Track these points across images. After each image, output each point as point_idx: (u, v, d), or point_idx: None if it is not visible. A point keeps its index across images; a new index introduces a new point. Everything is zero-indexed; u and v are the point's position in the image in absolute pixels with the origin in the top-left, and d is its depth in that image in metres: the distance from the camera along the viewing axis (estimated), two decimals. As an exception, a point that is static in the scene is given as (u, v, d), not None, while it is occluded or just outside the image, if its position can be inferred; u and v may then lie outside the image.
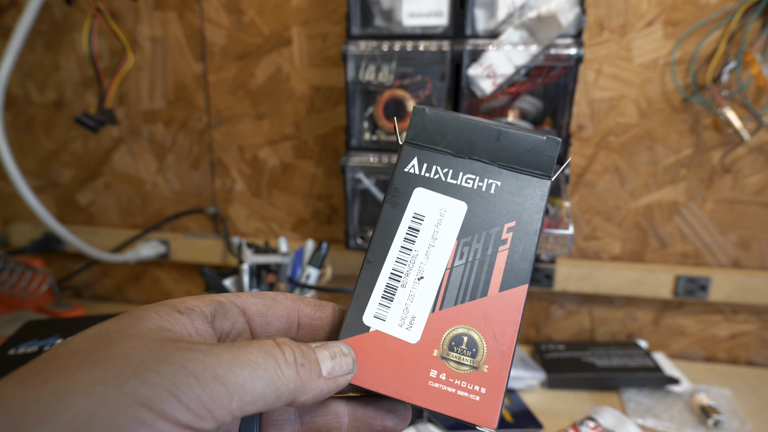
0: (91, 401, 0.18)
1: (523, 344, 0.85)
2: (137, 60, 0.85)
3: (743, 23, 0.68)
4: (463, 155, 0.30)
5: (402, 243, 0.29)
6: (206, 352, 0.21)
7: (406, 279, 0.29)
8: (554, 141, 0.30)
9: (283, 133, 0.84)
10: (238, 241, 0.77)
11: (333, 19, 0.78)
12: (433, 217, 0.30)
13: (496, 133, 0.30)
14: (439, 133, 0.31)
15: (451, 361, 0.27)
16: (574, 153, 0.77)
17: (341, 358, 0.25)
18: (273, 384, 0.22)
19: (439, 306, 0.28)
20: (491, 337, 0.28)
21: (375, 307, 0.28)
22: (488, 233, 0.29)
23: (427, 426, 0.62)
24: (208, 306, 0.25)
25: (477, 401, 0.27)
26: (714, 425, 0.63)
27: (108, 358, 0.20)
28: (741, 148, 0.73)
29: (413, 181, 0.30)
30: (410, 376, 0.27)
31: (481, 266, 0.29)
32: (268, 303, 0.28)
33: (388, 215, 0.30)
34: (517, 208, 0.29)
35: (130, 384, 0.19)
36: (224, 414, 0.20)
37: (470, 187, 0.30)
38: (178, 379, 0.20)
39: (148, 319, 0.22)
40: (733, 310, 0.79)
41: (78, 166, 0.94)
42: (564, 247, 0.64)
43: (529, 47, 0.63)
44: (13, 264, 0.82)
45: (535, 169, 0.30)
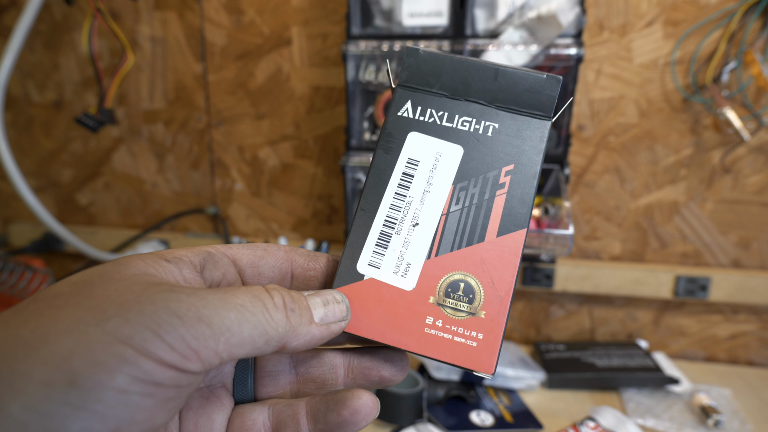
0: (71, 339, 0.18)
1: (523, 344, 0.85)
2: (137, 60, 0.85)
3: (743, 23, 0.68)
4: (459, 97, 0.29)
5: (396, 189, 0.28)
6: (190, 294, 0.21)
7: (400, 226, 0.28)
8: (555, 79, 0.28)
9: (283, 133, 0.84)
10: (238, 241, 0.77)
11: (333, 19, 0.78)
12: (428, 161, 0.29)
13: (493, 72, 0.29)
14: (433, 74, 0.29)
15: (448, 307, 0.27)
16: (574, 153, 0.77)
17: (334, 305, 0.25)
18: (261, 327, 0.21)
19: (434, 252, 0.28)
20: (488, 282, 0.27)
21: (369, 254, 0.28)
22: (485, 177, 0.28)
23: (427, 426, 0.62)
24: (196, 256, 0.25)
25: (474, 347, 0.26)
26: (714, 425, 0.63)
27: (90, 299, 0.20)
28: (741, 148, 0.73)
29: (407, 125, 0.29)
30: (406, 323, 0.27)
31: (478, 211, 0.28)
32: (259, 254, 0.27)
33: (381, 161, 0.29)
34: (515, 151, 0.28)
35: (111, 323, 0.19)
36: (210, 355, 0.20)
37: (466, 130, 0.29)
38: (160, 318, 0.19)
39: (133, 265, 0.22)
40: (733, 310, 0.79)
41: (78, 166, 0.94)
42: (564, 247, 0.64)
43: (529, 47, 0.63)
44: (13, 264, 0.82)
45: (534, 109, 0.29)
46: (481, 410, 0.66)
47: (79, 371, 0.18)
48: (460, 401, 0.67)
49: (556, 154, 0.68)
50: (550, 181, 0.71)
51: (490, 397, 0.69)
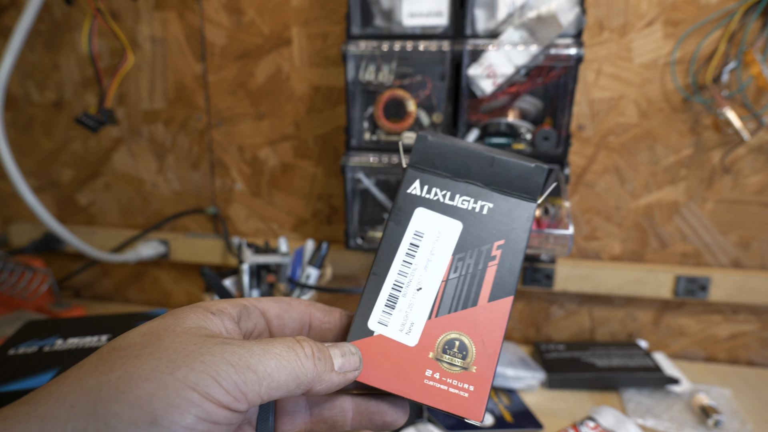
0: (151, 384, 0.23)
1: (523, 344, 0.85)
2: (137, 60, 0.85)
3: (743, 23, 0.68)
4: (460, 179, 0.34)
5: (404, 258, 0.33)
6: (240, 346, 0.25)
7: (406, 289, 0.32)
8: (541, 168, 0.33)
9: (283, 133, 0.84)
10: (238, 241, 0.77)
11: (333, 19, 0.78)
12: (432, 234, 0.33)
13: (490, 160, 0.33)
14: (439, 158, 0.34)
15: (445, 362, 0.31)
16: (574, 153, 0.77)
17: (350, 356, 0.29)
18: (295, 373, 0.26)
19: (435, 314, 0.31)
20: (480, 341, 0.31)
21: (379, 313, 0.32)
22: (480, 250, 0.32)
23: (427, 426, 0.62)
24: (234, 308, 0.29)
25: (466, 398, 0.30)
26: (714, 425, 0.63)
27: (161, 350, 0.24)
28: (741, 148, 0.73)
29: (415, 201, 0.34)
30: (408, 374, 0.30)
31: (473, 279, 0.32)
32: (284, 307, 0.31)
33: (392, 232, 0.33)
34: (506, 228, 0.33)
35: (181, 371, 0.23)
36: (255, 397, 0.24)
37: (465, 208, 0.33)
38: (219, 368, 0.24)
39: (188, 319, 0.27)
40: (733, 310, 0.79)
41: (78, 166, 0.94)
42: (564, 247, 0.64)
43: (529, 47, 0.63)
44: (13, 264, 0.82)
45: (523, 192, 0.33)
46: (481, 410, 0.66)
47: (158, 412, 0.22)
48: (460, 401, 0.67)
49: (556, 154, 0.68)
50: (550, 181, 0.71)
51: (490, 397, 0.69)
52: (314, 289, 0.71)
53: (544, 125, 0.69)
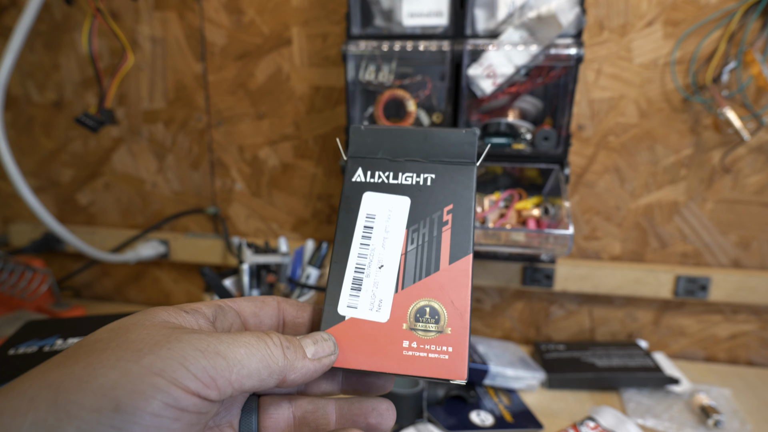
0: (115, 373, 0.22)
1: (523, 344, 0.85)
2: (137, 60, 0.85)
3: (743, 23, 0.68)
4: (400, 158, 0.35)
5: (360, 241, 0.34)
6: (209, 334, 0.25)
7: (369, 270, 0.33)
8: (471, 133, 0.35)
9: (283, 133, 0.84)
10: (238, 241, 0.77)
11: (333, 19, 0.78)
12: (383, 214, 0.34)
13: (423, 135, 0.35)
14: (376, 144, 0.36)
15: (419, 330, 0.31)
16: (574, 153, 0.77)
17: (322, 342, 0.30)
18: (265, 361, 0.26)
19: (401, 286, 0.32)
20: (449, 303, 0.32)
21: (346, 298, 0.32)
22: (431, 218, 0.34)
23: (427, 426, 0.62)
24: (209, 308, 0.29)
25: (446, 360, 0.31)
26: (714, 425, 0.63)
27: (127, 342, 0.24)
28: (741, 148, 0.73)
29: (361, 187, 0.35)
30: (387, 350, 0.31)
31: (431, 246, 0.33)
32: (259, 305, 0.32)
33: (345, 220, 0.34)
34: (451, 193, 0.34)
35: (147, 359, 0.23)
36: (225, 384, 0.24)
37: (410, 184, 0.35)
38: (186, 353, 0.23)
39: (159, 315, 0.26)
40: (733, 310, 0.79)
41: (78, 166, 0.94)
42: (564, 247, 0.64)
43: (529, 47, 0.63)
44: (13, 264, 0.82)
45: (461, 158, 0.35)
46: (481, 410, 0.66)
47: (122, 399, 0.22)
48: (460, 401, 0.67)
49: (556, 154, 0.68)
50: (550, 181, 0.71)
51: (490, 397, 0.69)
52: (314, 289, 0.71)
53: (544, 125, 0.69)
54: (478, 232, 0.66)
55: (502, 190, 0.73)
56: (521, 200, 0.72)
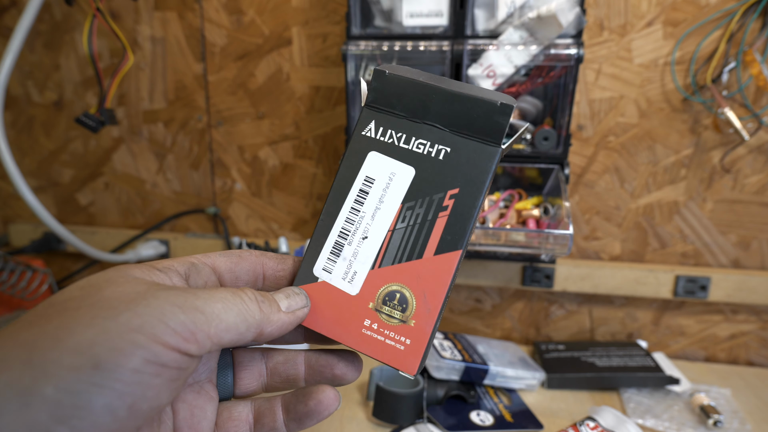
0: (92, 331, 0.22)
1: (523, 344, 0.85)
2: (137, 60, 0.85)
3: (743, 23, 0.68)
4: (418, 119, 0.31)
5: (352, 204, 0.32)
6: (185, 290, 0.25)
7: (352, 237, 0.31)
8: (507, 106, 0.29)
9: (283, 133, 0.84)
10: (238, 241, 0.77)
11: (333, 19, 0.78)
12: (383, 180, 0.31)
13: (450, 96, 0.30)
14: (397, 96, 0.31)
15: (383, 313, 0.30)
16: (574, 153, 0.77)
17: (294, 296, 0.30)
18: (242, 315, 0.26)
19: (378, 264, 0.31)
20: (421, 295, 0.30)
21: (324, 260, 0.31)
22: (431, 198, 0.30)
23: (427, 426, 0.62)
24: (182, 266, 0.29)
25: (401, 350, 0.30)
26: (714, 425, 0.63)
27: (101, 300, 0.23)
28: (741, 148, 0.73)
29: (369, 144, 0.32)
30: (348, 323, 0.30)
31: (421, 230, 0.31)
32: (235, 260, 0.31)
33: (344, 176, 0.32)
34: (462, 176, 0.30)
35: (124, 316, 0.22)
36: (204, 338, 0.24)
37: (420, 153, 0.31)
38: (165, 309, 0.23)
39: (132, 272, 0.26)
40: (733, 310, 0.79)
41: (78, 166, 0.94)
42: (564, 247, 0.64)
43: (529, 47, 0.63)
44: (13, 264, 0.82)
45: (485, 135, 0.30)
46: (481, 410, 0.66)
47: (101, 356, 0.21)
48: (460, 401, 0.67)
49: (556, 154, 0.68)
50: (550, 181, 0.71)
51: (490, 397, 0.69)
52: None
53: (544, 125, 0.69)
54: (478, 231, 0.66)
55: (502, 190, 0.73)
56: (521, 200, 0.72)
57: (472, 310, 0.87)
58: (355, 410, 0.66)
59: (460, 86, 0.31)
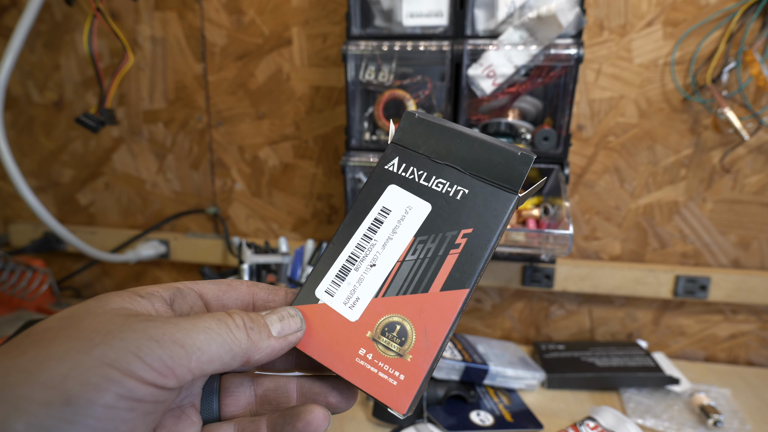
0: (65, 365, 0.21)
1: (523, 344, 0.85)
2: (137, 60, 0.85)
3: (743, 23, 0.68)
4: (441, 160, 0.32)
5: (365, 231, 0.32)
6: (165, 321, 0.24)
7: (360, 264, 0.31)
8: (527, 157, 0.31)
9: (283, 133, 0.84)
10: (238, 241, 0.77)
11: (333, 19, 0.78)
12: (398, 212, 0.32)
13: (472, 142, 0.32)
14: (423, 137, 0.33)
15: (381, 344, 0.29)
16: (573, 153, 0.77)
17: (289, 319, 0.29)
18: (227, 345, 0.25)
19: (383, 293, 0.30)
20: (422, 330, 0.29)
21: (328, 283, 0.31)
22: (444, 235, 0.31)
23: (427, 426, 0.62)
24: (166, 291, 0.28)
25: (394, 385, 0.28)
26: (714, 425, 0.63)
27: (78, 331, 0.23)
28: (741, 148, 0.73)
29: (390, 178, 0.33)
30: (342, 349, 0.29)
31: (430, 264, 0.30)
32: (224, 288, 0.30)
33: (361, 204, 0.32)
34: (477, 218, 0.31)
35: (98, 349, 0.22)
36: (184, 372, 0.23)
37: (439, 191, 0.32)
38: (141, 343, 0.22)
39: (112, 301, 0.25)
40: (732, 310, 0.79)
41: (78, 166, 0.94)
42: (564, 247, 0.64)
43: (529, 47, 0.64)
44: (13, 264, 0.82)
45: (504, 182, 0.31)
46: (481, 410, 0.66)
47: (73, 391, 0.21)
48: (460, 401, 0.67)
49: (556, 154, 0.68)
50: (550, 181, 0.71)
51: (490, 397, 0.69)
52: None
53: (544, 125, 0.69)
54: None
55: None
56: (521, 200, 0.72)
57: (472, 310, 0.87)
58: (355, 410, 0.66)
59: (482, 135, 0.32)
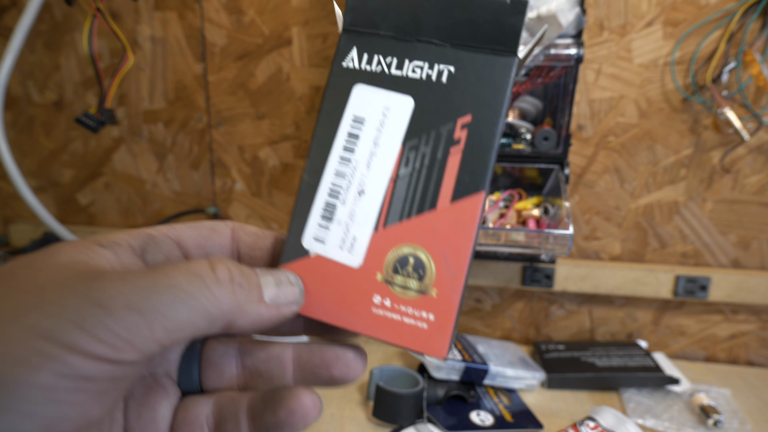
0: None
1: (523, 344, 0.85)
2: (137, 60, 0.85)
3: (743, 23, 0.68)
4: (410, 37, 0.25)
5: (341, 153, 0.26)
6: (117, 280, 0.19)
7: (346, 195, 0.25)
8: (520, 3, 0.24)
9: (283, 133, 0.84)
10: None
11: (333, 19, 0.78)
12: (375, 118, 0.25)
13: (446, 2, 0.25)
14: (380, 12, 0.26)
15: (396, 285, 0.24)
16: (573, 153, 0.77)
17: (287, 287, 0.23)
18: (201, 307, 0.20)
19: (382, 223, 0.25)
20: (441, 256, 0.24)
21: (314, 228, 0.25)
22: (438, 132, 0.25)
23: (427, 426, 0.62)
24: (136, 239, 0.23)
25: (425, 329, 0.24)
26: (714, 425, 0.63)
27: (8, 292, 0.18)
28: (741, 148, 0.73)
29: (352, 76, 0.26)
30: (353, 303, 0.24)
31: (430, 173, 0.25)
32: (205, 233, 0.25)
33: (325, 121, 0.26)
34: (473, 99, 0.24)
35: (29, 317, 0.18)
36: (148, 343, 0.19)
37: (418, 78, 0.25)
38: (83, 310, 0.18)
39: (62, 253, 0.20)
40: (732, 310, 0.79)
41: (78, 166, 0.94)
42: (564, 247, 0.64)
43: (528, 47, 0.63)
44: (13, 264, 0.82)
45: (496, 43, 0.24)
46: (481, 410, 0.66)
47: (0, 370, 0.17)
48: (460, 401, 0.67)
49: (556, 154, 0.68)
50: (550, 181, 0.71)
51: (490, 397, 0.69)
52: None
53: (544, 125, 0.69)
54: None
55: (502, 190, 0.73)
56: (521, 200, 0.72)
57: (472, 310, 0.87)
58: (355, 410, 0.66)
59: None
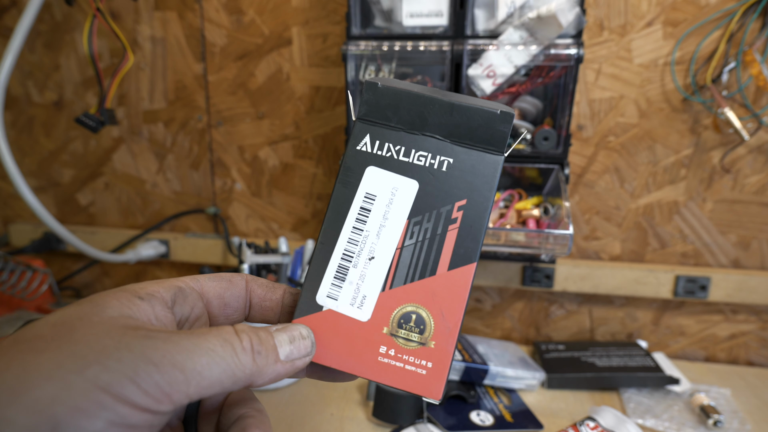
0: (53, 385, 0.19)
1: (523, 344, 0.85)
2: (137, 60, 0.85)
3: (743, 23, 0.68)
4: (416, 131, 0.30)
5: (354, 223, 0.30)
6: (166, 340, 0.22)
7: (357, 259, 0.30)
8: (508, 114, 0.29)
9: (283, 133, 0.84)
10: (238, 241, 0.77)
11: (333, 19, 0.78)
12: (385, 196, 0.30)
13: (448, 107, 0.30)
14: (391, 108, 0.30)
15: (400, 337, 0.29)
16: (574, 153, 0.77)
17: (300, 342, 0.27)
18: (230, 370, 0.23)
19: (389, 285, 0.29)
20: (439, 314, 0.29)
21: (328, 287, 0.29)
22: (439, 212, 0.30)
23: (427, 426, 0.62)
24: (168, 291, 0.26)
25: (424, 375, 0.28)
26: (714, 425, 0.63)
27: (70, 344, 0.21)
28: (741, 148, 0.73)
29: (365, 159, 0.30)
30: (361, 352, 0.29)
31: (431, 245, 0.29)
32: (224, 285, 0.29)
33: (341, 195, 0.30)
34: (468, 187, 0.30)
35: (92, 370, 0.20)
36: (182, 397, 0.22)
37: (422, 165, 0.30)
38: (138, 367, 0.21)
39: (110, 306, 0.23)
40: (732, 310, 0.79)
41: (78, 166, 0.94)
42: (564, 247, 0.64)
43: (529, 47, 0.63)
44: (13, 264, 0.82)
45: (488, 144, 0.30)
46: (481, 410, 0.66)
47: (61, 417, 0.19)
48: (460, 401, 0.67)
49: (556, 154, 0.68)
50: (550, 181, 0.71)
51: (490, 397, 0.69)
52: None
53: (544, 125, 0.69)
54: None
55: (502, 190, 0.73)
56: (521, 200, 0.72)
57: (472, 310, 0.87)
58: (355, 410, 0.66)
59: (456, 97, 0.30)
